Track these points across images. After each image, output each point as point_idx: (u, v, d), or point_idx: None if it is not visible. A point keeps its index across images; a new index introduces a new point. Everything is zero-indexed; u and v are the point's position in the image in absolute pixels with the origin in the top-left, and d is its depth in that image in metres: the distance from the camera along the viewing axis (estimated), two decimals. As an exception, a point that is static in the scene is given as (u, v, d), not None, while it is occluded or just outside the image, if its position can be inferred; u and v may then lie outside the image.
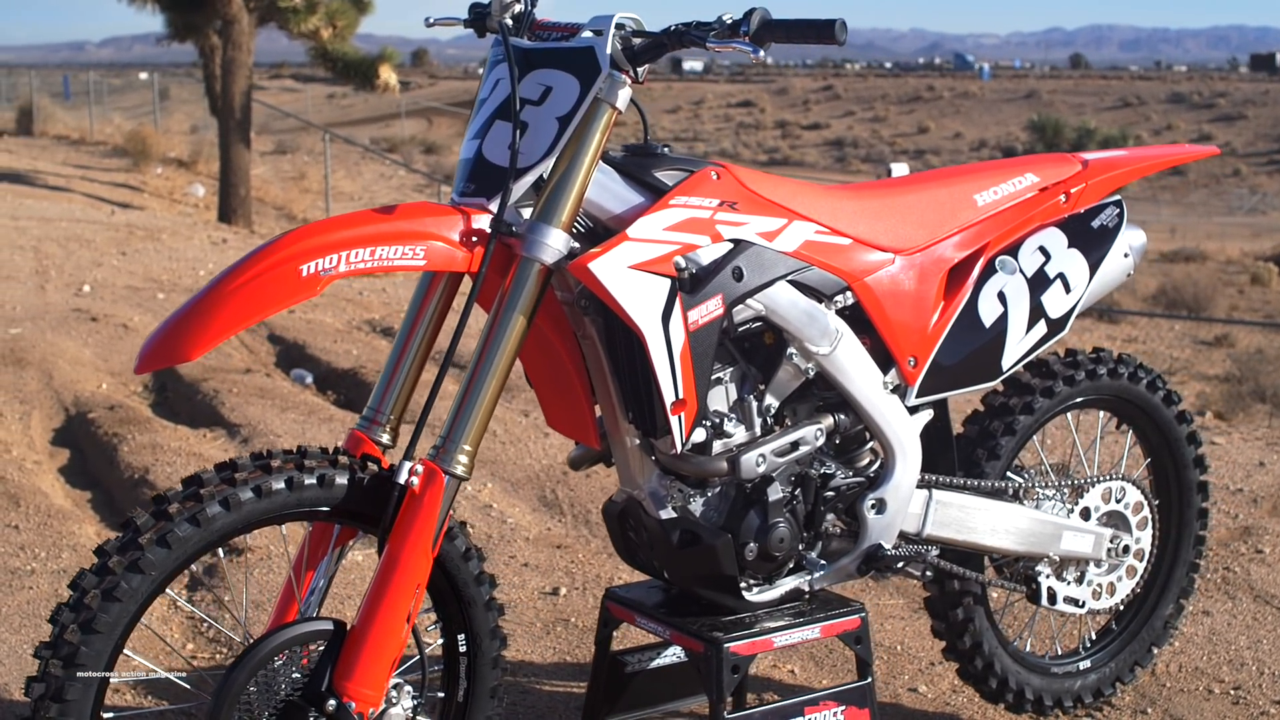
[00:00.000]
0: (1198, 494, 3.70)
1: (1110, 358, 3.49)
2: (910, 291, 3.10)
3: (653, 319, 2.67)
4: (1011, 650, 3.52)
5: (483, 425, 2.66)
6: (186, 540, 2.47)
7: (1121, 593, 3.56)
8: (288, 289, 2.46)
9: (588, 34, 2.71)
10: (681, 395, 2.74)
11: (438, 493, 2.59)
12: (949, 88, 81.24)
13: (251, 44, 19.17)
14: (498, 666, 2.84)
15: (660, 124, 76.55)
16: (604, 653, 3.24)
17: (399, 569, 2.57)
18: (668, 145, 2.90)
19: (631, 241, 2.67)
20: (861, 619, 3.10)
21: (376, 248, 2.53)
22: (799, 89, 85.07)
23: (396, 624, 2.58)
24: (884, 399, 3.07)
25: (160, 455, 6.03)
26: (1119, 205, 3.40)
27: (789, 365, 2.97)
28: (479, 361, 2.65)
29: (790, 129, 73.09)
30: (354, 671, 2.56)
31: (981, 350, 3.20)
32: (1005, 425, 3.36)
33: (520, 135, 2.66)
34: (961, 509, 3.24)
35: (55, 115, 29.81)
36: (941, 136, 67.83)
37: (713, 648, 2.91)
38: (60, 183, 19.84)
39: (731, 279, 2.81)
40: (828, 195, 3.05)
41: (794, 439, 2.96)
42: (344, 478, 2.60)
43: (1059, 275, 3.29)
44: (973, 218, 3.21)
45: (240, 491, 2.51)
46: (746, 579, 3.01)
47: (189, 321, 2.45)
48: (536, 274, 2.65)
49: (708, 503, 2.97)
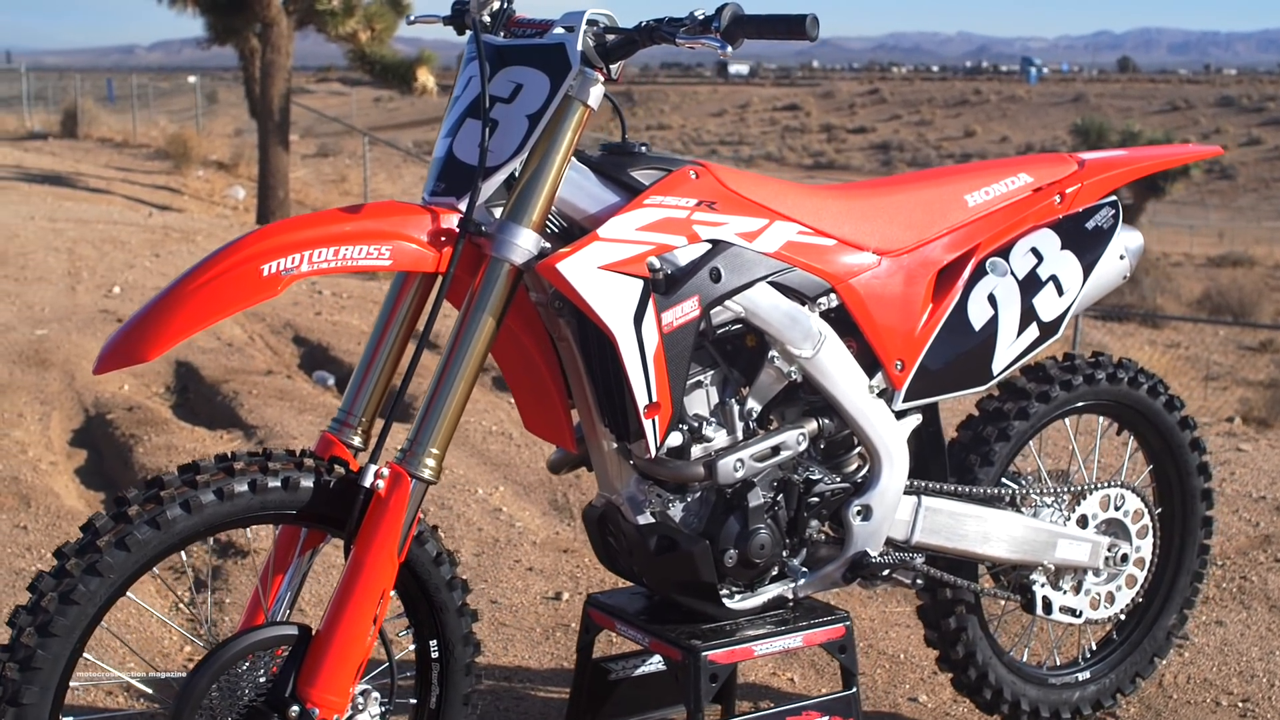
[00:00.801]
0: (1202, 502, 3.62)
1: (1109, 362, 3.41)
2: (897, 294, 3.04)
3: (624, 320, 2.62)
4: (1007, 660, 3.45)
5: (451, 428, 2.62)
6: (146, 543, 2.44)
7: (1121, 602, 3.49)
8: (247, 289, 2.43)
9: (559, 30, 2.66)
10: (655, 398, 2.69)
11: (403, 496, 2.55)
12: (995, 91, 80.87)
13: (290, 47, 19.22)
14: (471, 673, 2.80)
15: (705, 127, 76.64)
16: (586, 659, 3.19)
17: (364, 573, 2.54)
18: (646, 144, 2.85)
19: (602, 241, 2.62)
20: (846, 628, 3.04)
21: (340, 247, 2.49)
22: (845, 92, 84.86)
23: (361, 629, 2.54)
24: (869, 403, 3.01)
25: (175, 456, 6.02)
26: (1115, 206, 3.33)
27: (771, 368, 2.91)
28: (447, 364, 2.61)
29: (836, 132, 72.97)
30: (318, 677, 2.52)
31: (971, 354, 3.13)
32: (999, 431, 3.29)
33: (490, 133, 2.62)
34: (952, 516, 3.17)
35: (99, 118, 30.02)
36: (988, 140, 67.53)
37: (690, 656, 2.86)
38: (101, 185, 19.98)
39: (709, 280, 2.76)
40: (812, 195, 2.99)
41: (775, 444, 2.90)
42: (309, 480, 2.57)
43: (1051, 277, 3.22)
44: (963, 218, 3.14)
45: (201, 494, 2.48)
46: (727, 586, 2.95)
47: (148, 322, 2.42)
48: (506, 274, 2.61)
49: (687, 508, 2.92)
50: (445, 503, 5.43)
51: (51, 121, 30.18)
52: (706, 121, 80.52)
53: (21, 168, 21.67)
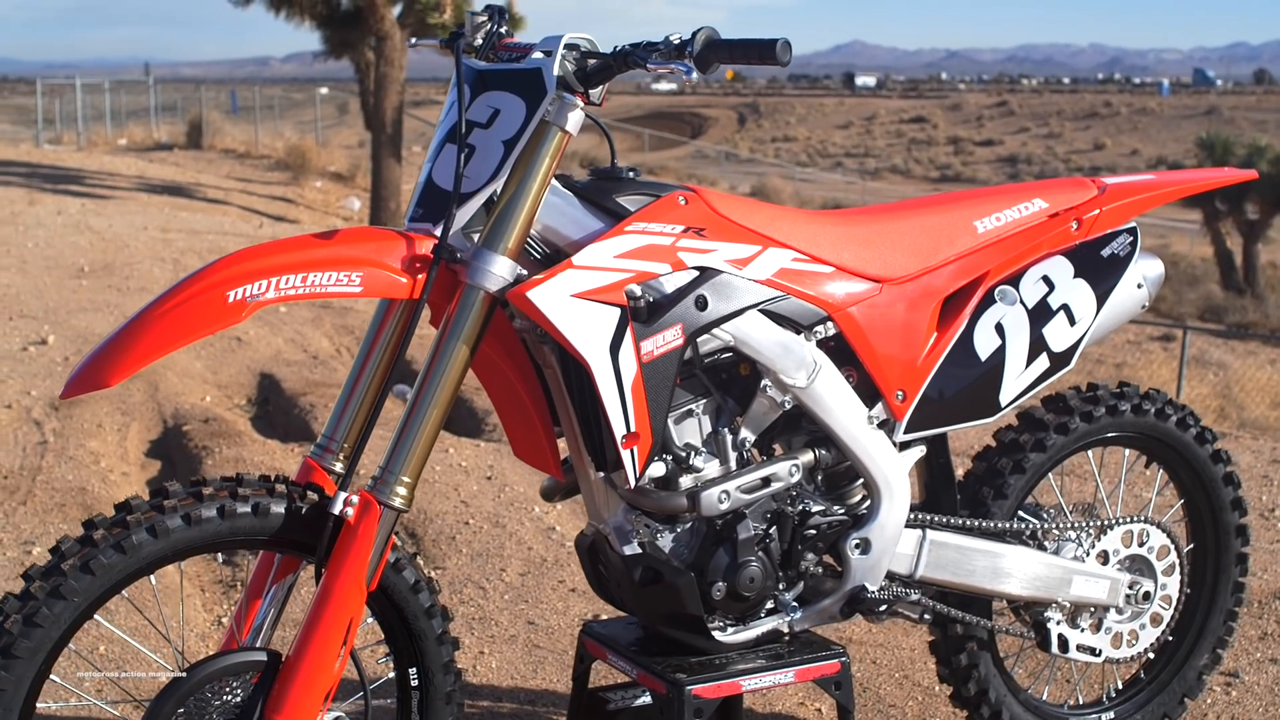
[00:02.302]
0: (1236, 538, 3.49)
1: (1135, 393, 3.31)
2: (898, 322, 2.97)
3: (599, 349, 2.59)
4: (1024, 699, 3.36)
5: (423, 456, 2.60)
6: (111, 567, 2.45)
7: (1145, 641, 3.37)
8: (212, 315, 2.43)
9: (537, 55, 2.63)
10: (633, 428, 2.65)
11: (372, 524, 2.54)
12: (1126, 104, 79.54)
13: (404, 60, 19.45)
14: (452, 702, 2.78)
15: (831, 140, 76.31)
16: (581, 688, 3.15)
17: (332, 601, 2.52)
18: (634, 169, 2.81)
19: (576, 269, 2.58)
20: (843, 664, 2.97)
21: (309, 274, 2.49)
22: (973, 105, 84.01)
23: (329, 657, 2.52)
24: (867, 434, 2.94)
25: (242, 470, 6.07)
26: (1133, 233, 3.22)
27: (764, 398, 2.86)
28: (420, 391, 2.59)
29: (963, 145, 72.28)
30: (284, 704, 2.51)
31: (977, 385, 3.05)
32: (1014, 463, 3.20)
33: (468, 159, 2.60)
34: (959, 550, 3.09)
35: (224, 129, 30.61)
36: (1118, 153, 66.43)
37: (675, 689, 2.80)
38: (219, 195, 20.35)
39: (694, 308, 2.71)
40: (809, 221, 2.93)
41: (765, 475, 2.85)
42: (280, 507, 2.56)
43: (1063, 306, 3.12)
44: (971, 245, 3.06)
45: (169, 519, 2.48)
46: (718, 619, 2.90)
47: (114, 348, 2.42)
48: (480, 302, 2.58)
49: (677, 539, 2.87)
50: (500, 520, 5.43)
51: (178, 133, 30.82)
52: (832, 134, 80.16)
53: (144, 178, 22.16)
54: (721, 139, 77.91)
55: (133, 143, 30.56)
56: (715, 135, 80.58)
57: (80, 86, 30.83)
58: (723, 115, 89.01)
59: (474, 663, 4.17)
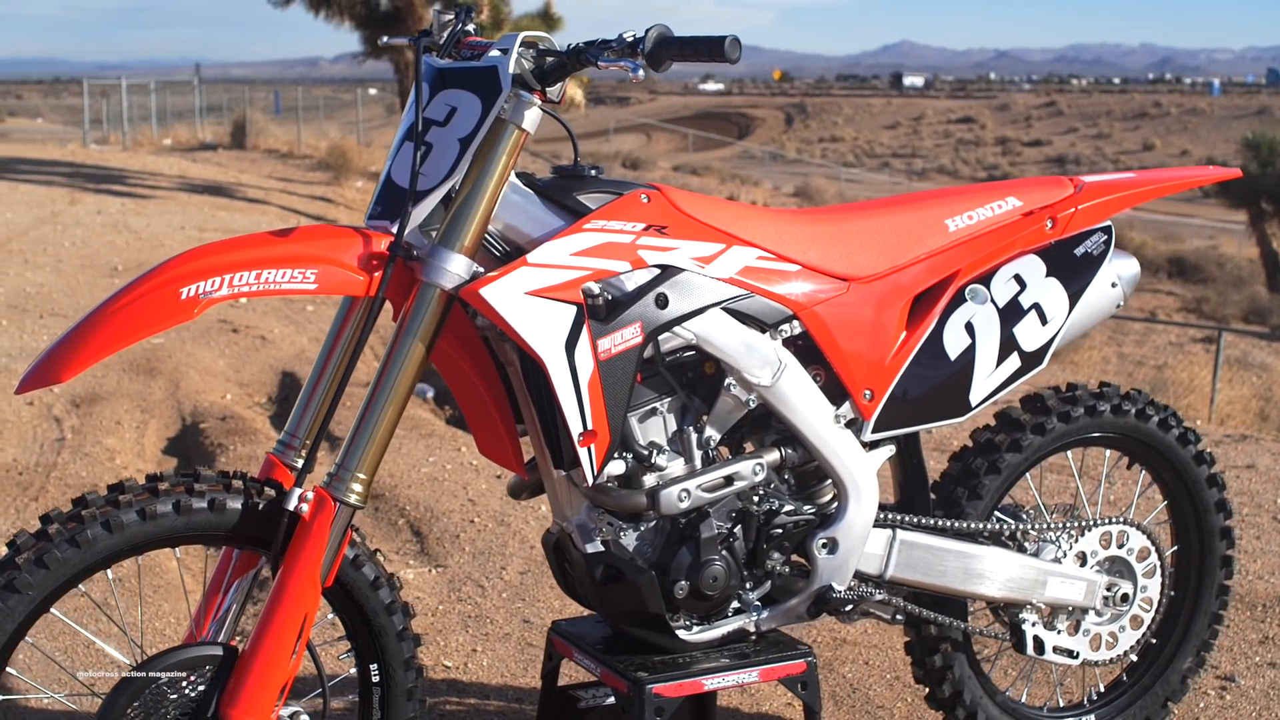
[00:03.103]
0: (1221, 540, 3.46)
1: (1115, 394, 3.28)
2: (866, 321, 2.95)
3: (554, 347, 2.59)
4: (1000, 700, 3.33)
5: (378, 453, 2.61)
6: (66, 561, 2.47)
7: (1125, 644, 3.34)
8: (165, 312, 2.44)
9: (494, 53, 2.63)
10: (591, 426, 2.64)
11: (327, 520, 2.55)
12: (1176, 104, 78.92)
13: (442, 60, 19.46)
14: (413, 699, 2.78)
15: (878, 140, 76.12)
16: (550, 686, 3.15)
17: (287, 596, 2.54)
18: (598, 167, 2.81)
19: (530, 267, 2.59)
20: (809, 664, 2.96)
21: (263, 271, 2.50)
22: (1021, 105, 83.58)
23: (283, 652, 2.54)
24: (834, 433, 2.92)
25: (253, 467, 6.11)
26: (1107, 232, 3.19)
27: (728, 396, 2.85)
28: (375, 389, 2.60)
29: (1011, 145, 71.93)
30: (239, 698, 2.53)
31: (946, 384, 3.03)
32: (989, 463, 3.18)
33: (425, 157, 2.61)
34: (930, 551, 3.07)
35: (268, 129, 30.79)
36: (1167, 154, 65.94)
37: (635, 688, 2.80)
38: (259, 195, 20.46)
39: (654, 306, 2.70)
40: (776, 220, 2.92)
41: (728, 473, 2.84)
42: (237, 502, 2.57)
43: (1034, 305, 3.09)
44: (942, 244, 3.04)
45: (123, 514, 2.49)
46: (682, 617, 2.89)
47: (69, 344, 2.44)
48: (436, 299, 2.59)
49: (641, 537, 2.87)
50: (505, 519, 5.44)
51: (222, 133, 31.03)
52: (880, 134, 79.94)
53: (185, 178, 22.32)
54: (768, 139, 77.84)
55: (178, 143, 30.79)
56: (762, 136, 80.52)
57: (126, 87, 31.08)
58: (770, 116, 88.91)
59: (466, 660, 4.18)
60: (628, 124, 73.82)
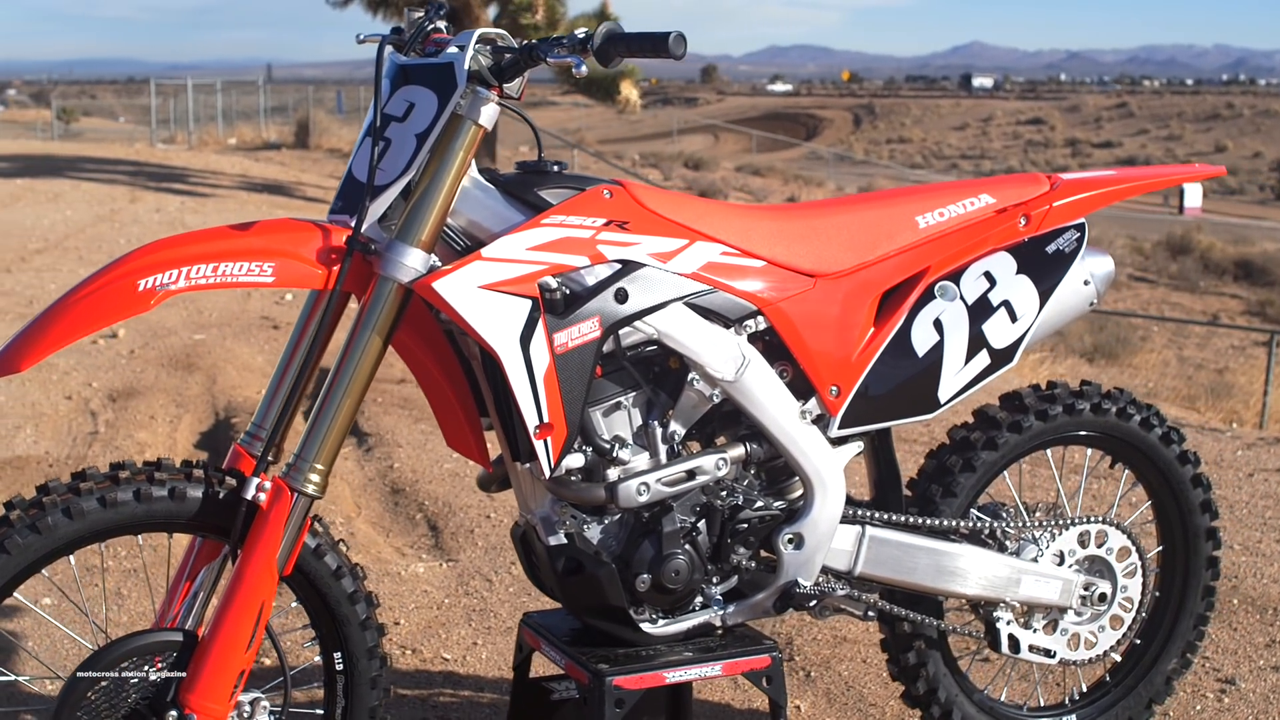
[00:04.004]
0: (1206, 541, 3.43)
1: (1095, 392, 3.26)
2: (832, 317, 2.95)
3: (508, 340, 2.61)
4: (978, 699, 3.32)
5: (335, 444, 2.65)
6: (27, 547, 2.52)
7: (1104, 644, 3.32)
8: (121, 303, 2.49)
9: (453, 49, 2.66)
10: (547, 419, 2.67)
11: (284, 510, 2.59)
12: (1249, 105, 77.95)
13: (500, 60, 19.56)
14: (377, 687, 2.81)
15: (946, 141, 75.70)
16: (521, 678, 3.18)
17: (244, 584, 2.58)
18: (561, 163, 2.84)
19: (484, 261, 2.61)
20: (773, 658, 2.96)
21: (220, 264, 2.54)
22: (1091, 106, 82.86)
23: (240, 639, 2.58)
24: (799, 428, 2.93)
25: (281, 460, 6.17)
26: (1080, 229, 3.17)
27: (691, 391, 2.87)
28: (333, 381, 2.64)
29: (1080, 147, 71.34)
30: (197, 684, 2.57)
31: (914, 381, 3.03)
32: (964, 461, 3.17)
33: (384, 152, 2.64)
34: (900, 548, 3.07)
35: (331, 129, 31.06)
36: (1240, 155, 65.15)
37: (596, 679, 2.82)
38: (318, 194, 20.64)
39: (613, 300, 2.72)
40: (742, 216, 2.93)
41: (690, 468, 2.85)
42: (198, 491, 2.62)
43: (1004, 303, 3.08)
44: (911, 240, 3.03)
45: (84, 501, 2.55)
46: (646, 611, 2.91)
47: (28, 334, 2.49)
48: (392, 293, 2.62)
49: (605, 530, 2.89)
50: (492, 516, 5.47)
51: (286, 133, 31.33)
52: (948, 135, 79.51)
53: (246, 177, 22.56)
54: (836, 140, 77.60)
55: (242, 142, 31.12)
56: (830, 137, 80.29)
57: (192, 87, 31.45)
58: (838, 117, 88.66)
59: (465, 654, 4.22)
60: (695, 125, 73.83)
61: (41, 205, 17.06)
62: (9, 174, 21.90)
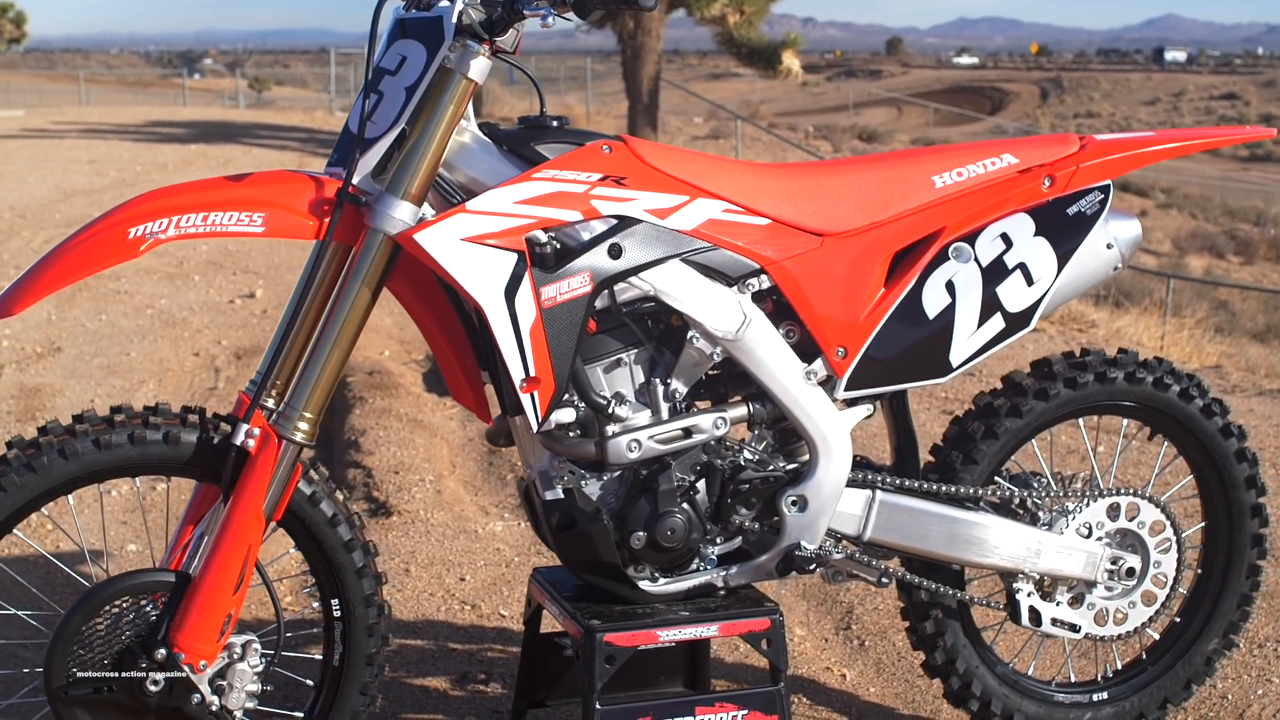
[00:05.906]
0: (1252, 518, 3.30)
1: (1130, 360, 3.16)
2: (839, 277, 2.91)
3: (493, 293, 2.62)
4: (1001, 672, 3.25)
5: (325, 393, 2.69)
6: (24, 486, 2.61)
7: (1135, 621, 3.22)
8: (112, 250, 2.56)
9: (444, 3, 2.68)
10: (534, 373, 2.68)
11: (271, 456, 2.64)
12: None
13: (661, 30, 19.63)
14: (374, 635, 2.85)
15: (1136, 115, 73.78)
16: (532, 634, 3.19)
17: (231, 528, 2.64)
18: (563, 118, 2.83)
19: (468, 214, 2.63)
20: (773, 621, 2.93)
21: (210, 213, 2.59)
22: (1290, 80, 79.93)
23: (227, 582, 2.64)
24: (803, 390, 2.89)
25: (383, 420, 6.29)
26: (1105, 191, 3.06)
27: (692, 349, 2.85)
28: (321, 332, 2.68)
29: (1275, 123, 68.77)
30: (185, 625, 2.64)
31: (924, 343, 2.96)
32: (986, 428, 3.10)
33: (376, 105, 2.67)
34: (911, 514, 3.02)
35: (503, 98, 31.36)
36: None
37: (587, 635, 2.82)
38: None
39: (606, 256, 2.72)
40: (748, 173, 2.89)
41: (686, 426, 2.84)
42: (192, 436, 2.68)
43: (1019, 265, 3.00)
44: (926, 200, 2.96)
45: (79, 443, 2.62)
46: (643, 568, 2.91)
47: (25, 279, 2.58)
48: (381, 245, 2.65)
49: (604, 487, 2.88)
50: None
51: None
52: (1138, 110, 77.43)
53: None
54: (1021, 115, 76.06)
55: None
56: (1015, 111, 78.74)
57: (368, 56, 31.91)
58: (1025, 90, 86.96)
59: (522, 612, 4.25)
60: (877, 98, 73.06)
61: (211, 170, 17.53)
62: (185, 139, 22.58)
